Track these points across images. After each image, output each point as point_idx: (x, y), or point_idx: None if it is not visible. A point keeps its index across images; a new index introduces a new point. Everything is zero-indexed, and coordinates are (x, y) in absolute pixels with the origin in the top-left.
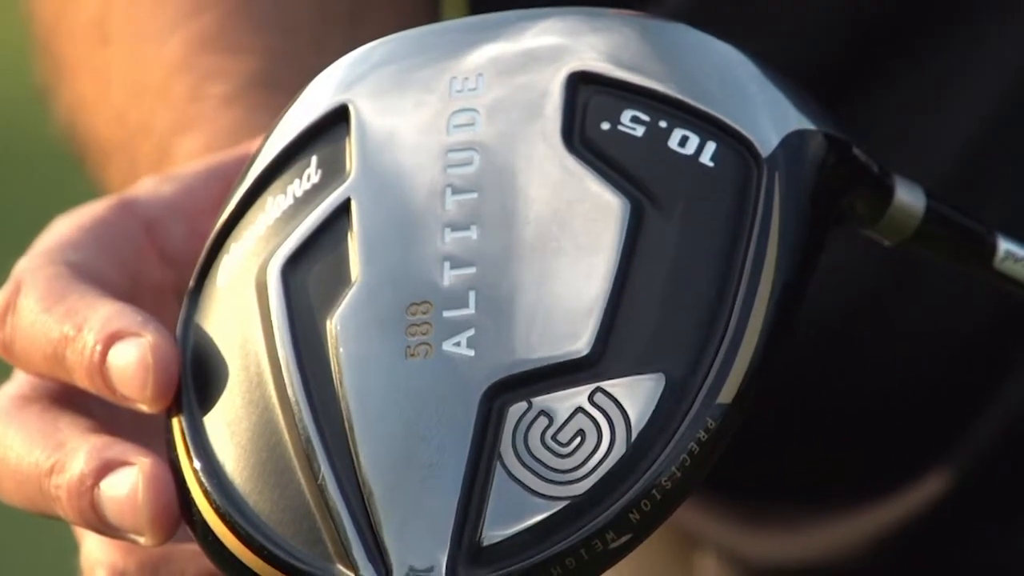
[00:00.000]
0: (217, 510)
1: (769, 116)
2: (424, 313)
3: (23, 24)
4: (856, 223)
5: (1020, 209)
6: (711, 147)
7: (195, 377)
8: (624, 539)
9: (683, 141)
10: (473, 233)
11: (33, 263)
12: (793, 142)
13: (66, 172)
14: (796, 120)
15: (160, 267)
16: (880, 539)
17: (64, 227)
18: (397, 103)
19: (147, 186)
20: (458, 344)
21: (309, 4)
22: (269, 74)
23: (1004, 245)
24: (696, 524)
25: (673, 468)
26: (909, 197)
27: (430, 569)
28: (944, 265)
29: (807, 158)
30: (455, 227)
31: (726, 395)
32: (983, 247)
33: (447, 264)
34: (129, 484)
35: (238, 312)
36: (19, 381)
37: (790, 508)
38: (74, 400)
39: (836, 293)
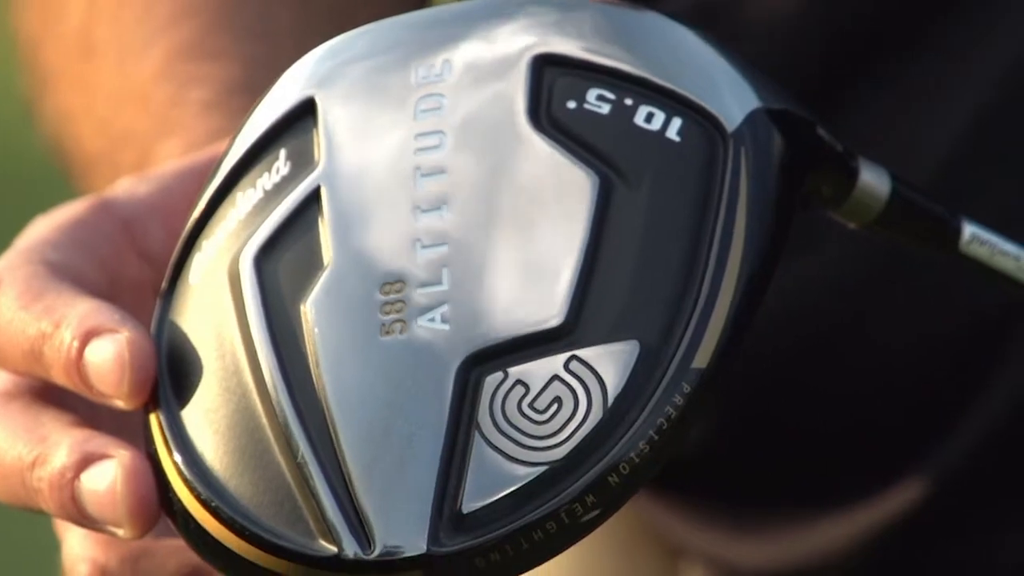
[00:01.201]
0: (198, 496)
1: (733, 94)
2: (398, 292)
3: (10, 39)
4: (822, 205)
5: (1007, 208)
6: (677, 123)
7: (171, 372)
8: (600, 509)
9: (649, 117)
10: (444, 212)
11: (11, 262)
12: (758, 119)
13: (53, 185)
14: (760, 98)
15: (138, 265)
16: (864, 542)
17: (43, 227)
18: (364, 93)
19: (124, 186)
20: (432, 320)
21: (291, 12)
22: (250, 80)
23: (969, 228)
24: (682, 533)
25: (651, 432)
26: (874, 179)
27: (413, 539)
28: (922, 275)
29: (772, 134)
30: (426, 208)
31: (700, 360)
32: (948, 230)
33: (419, 244)
34: (108, 477)
35: (212, 305)
36: (2, 379)
37: (775, 514)
38: (56, 396)
39: (815, 302)
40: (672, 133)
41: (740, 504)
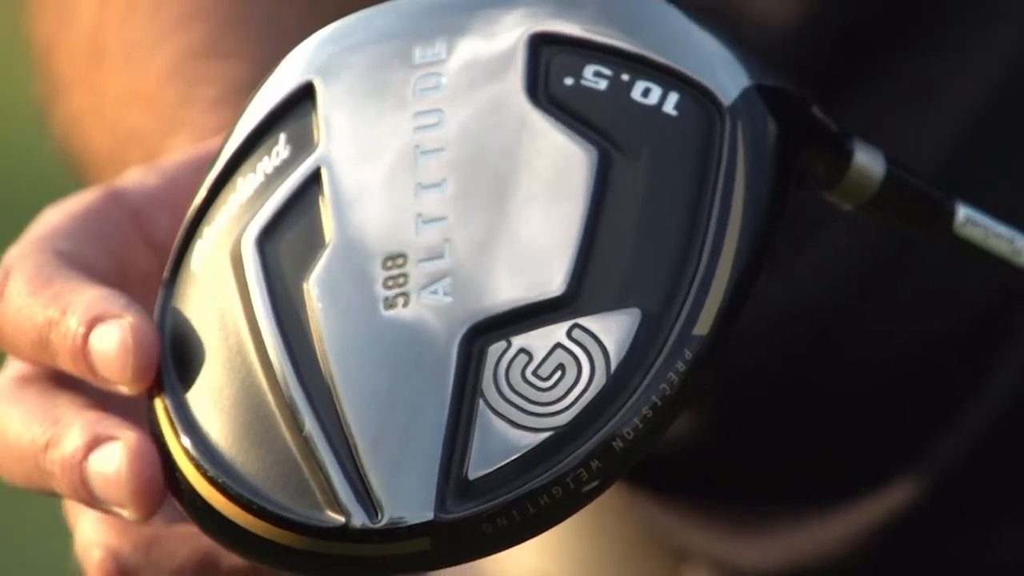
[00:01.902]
0: (204, 474)
1: (727, 71)
2: (400, 267)
3: (23, 44)
4: (816, 185)
5: (1007, 208)
6: (674, 97)
7: (175, 356)
8: (602, 478)
9: (646, 92)
10: (444, 188)
11: (22, 251)
12: (752, 95)
13: (64, 188)
14: (754, 76)
15: (147, 256)
16: (865, 540)
17: (53, 216)
18: (363, 75)
19: (133, 177)
20: (435, 292)
21: (300, 13)
22: (257, 79)
23: (963, 210)
24: (684, 536)
25: (654, 398)
26: (869, 160)
27: (419, 507)
28: (922, 270)
29: (767, 110)
30: (426, 184)
31: (701, 327)
32: (943, 212)
33: (420, 218)
34: (114, 458)
35: (215, 288)
36: (19, 364)
37: (776, 513)
38: (71, 381)
39: (815, 299)
40: (669, 108)
41: (741, 504)
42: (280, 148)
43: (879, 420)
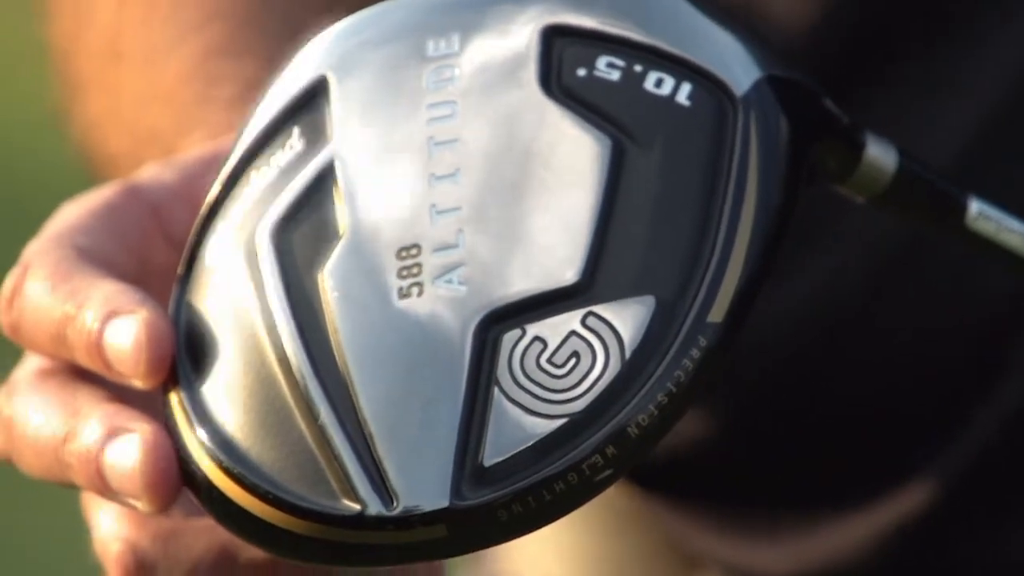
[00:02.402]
0: (220, 465)
1: (739, 62)
2: (414, 256)
3: (24, 46)
4: (828, 179)
5: (1021, 205)
6: (686, 87)
7: (190, 351)
8: (616, 466)
9: (659, 83)
10: (458, 178)
11: (41, 247)
12: (765, 86)
13: (67, 191)
14: (766, 67)
15: (166, 250)
16: (877, 541)
17: (72, 212)
18: (376, 68)
19: (150, 172)
20: (449, 281)
21: (316, 15)
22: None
23: (976, 204)
24: (698, 542)
25: (669, 384)
26: (881, 153)
27: (435, 494)
28: (934, 268)
29: (779, 101)
30: (440, 175)
31: (716, 314)
32: (955, 206)
33: (434, 209)
34: (129, 450)
35: (229, 282)
36: (40, 358)
37: (790, 517)
38: (91, 374)
39: (823, 299)
40: (682, 98)
41: (754, 509)
42: (294, 142)
43: (891, 421)
